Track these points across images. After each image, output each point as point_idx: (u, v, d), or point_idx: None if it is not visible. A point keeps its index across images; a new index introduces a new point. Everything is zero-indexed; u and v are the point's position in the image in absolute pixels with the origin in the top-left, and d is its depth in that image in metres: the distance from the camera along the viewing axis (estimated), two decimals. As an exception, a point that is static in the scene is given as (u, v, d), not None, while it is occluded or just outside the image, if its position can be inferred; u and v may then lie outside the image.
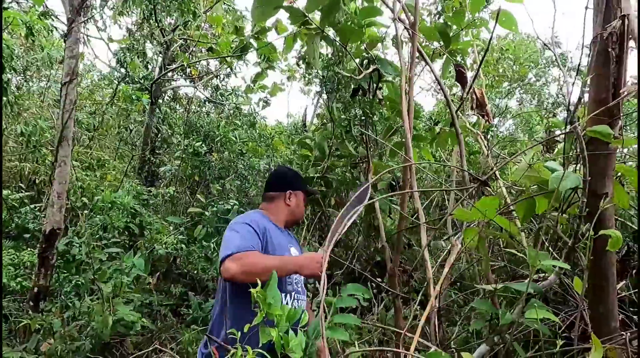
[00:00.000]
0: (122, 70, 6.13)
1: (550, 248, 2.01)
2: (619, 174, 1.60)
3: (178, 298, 4.61)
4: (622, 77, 1.36)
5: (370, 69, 3.40)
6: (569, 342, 1.58)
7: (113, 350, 3.50)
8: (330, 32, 3.39)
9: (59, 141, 3.94)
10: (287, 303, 1.83)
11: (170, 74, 6.71)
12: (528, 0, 2.95)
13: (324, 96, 3.95)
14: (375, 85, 3.59)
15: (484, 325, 1.60)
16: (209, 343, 1.93)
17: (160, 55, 6.75)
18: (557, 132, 3.14)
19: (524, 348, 1.91)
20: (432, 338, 2.15)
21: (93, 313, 3.42)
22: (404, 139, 3.85)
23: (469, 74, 5.59)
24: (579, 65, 1.73)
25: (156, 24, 5.81)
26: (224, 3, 6.17)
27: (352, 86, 3.66)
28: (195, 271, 4.90)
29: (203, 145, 5.75)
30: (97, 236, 4.27)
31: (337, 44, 3.36)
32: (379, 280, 3.81)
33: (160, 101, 6.72)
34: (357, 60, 3.55)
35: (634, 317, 1.99)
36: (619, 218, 2.62)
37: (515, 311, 1.42)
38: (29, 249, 4.49)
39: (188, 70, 6.92)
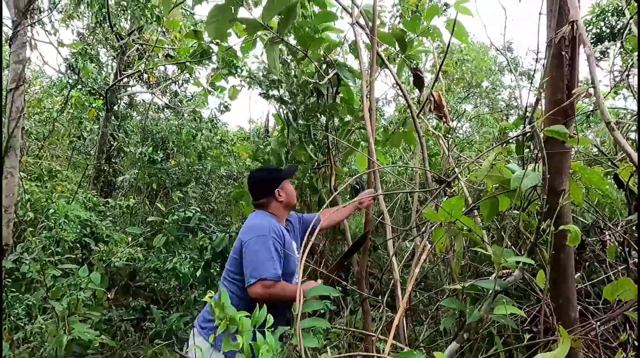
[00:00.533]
0: (74, 76, 5.85)
1: (512, 246, 2.08)
2: (572, 171, 1.68)
3: (139, 312, 4.42)
4: (575, 79, 1.44)
5: (330, 75, 3.41)
6: (532, 335, 1.63)
7: (69, 372, 3.30)
8: (290, 38, 3.38)
9: (5, 151, 3.70)
10: None
11: (126, 80, 6.47)
12: (481, 7, 3.07)
13: (282, 100, 3.91)
14: (334, 89, 3.61)
15: (453, 323, 1.63)
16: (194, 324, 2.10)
17: (115, 60, 6.51)
18: (517, 132, 3.27)
19: (488, 343, 1.96)
20: (401, 338, 2.17)
21: (46, 333, 3.21)
22: (361, 141, 3.89)
23: (429, 77, 5.74)
24: (534, 71, 1.80)
25: (110, 29, 5.60)
26: (182, 8, 6.04)
27: (311, 91, 3.65)
28: (156, 284, 4.72)
29: (159, 152, 5.57)
30: (49, 251, 4.03)
31: (299, 50, 3.35)
32: (345, 283, 3.81)
33: (116, 107, 6.47)
34: (317, 64, 3.56)
35: (590, 307, 2.09)
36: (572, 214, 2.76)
37: (483, 307, 1.45)
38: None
39: (145, 76, 6.71)
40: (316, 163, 3.78)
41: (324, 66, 3.54)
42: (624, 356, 1.05)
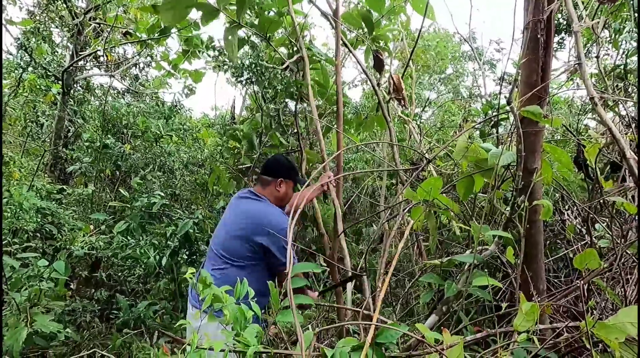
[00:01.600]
0: (26, 57, 5.49)
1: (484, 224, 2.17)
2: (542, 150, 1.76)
3: (105, 302, 4.28)
4: (549, 62, 1.51)
5: (295, 57, 3.38)
6: (509, 304, 1.72)
7: (33, 365, 3.17)
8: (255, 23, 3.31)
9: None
10: None
11: (82, 61, 6.15)
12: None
13: (254, 86, 3.84)
14: (301, 73, 3.58)
15: (431, 297, 1.70)
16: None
17: (71, 41, 6.16)
18: (483, 118, 3.38)
19: (459, 317, 2.05)
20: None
21: (6, 326, 3.06)
22: (333, 125, 3.91)
23: (398, 64, 5.79)
24: (508, 53, 1.86)
25: (64, 6, 5.28)
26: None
27: (280, 75, 3.61)
28: (120, 273, 4.57)
29: (109, 136, 5.34)
30: (6, 241, 3.82)
31: (258, 35, 3.30)
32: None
33: (73, 91, 6.14)
34: (283, 48, 3.52)
35: (554, 280, 2.22)
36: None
37: (461, 281, 1.52)
38: None
39: (103, 58, 6.39)
40: (290, 148, 3.77)
41: (291, 50, 3.52)
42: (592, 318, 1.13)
